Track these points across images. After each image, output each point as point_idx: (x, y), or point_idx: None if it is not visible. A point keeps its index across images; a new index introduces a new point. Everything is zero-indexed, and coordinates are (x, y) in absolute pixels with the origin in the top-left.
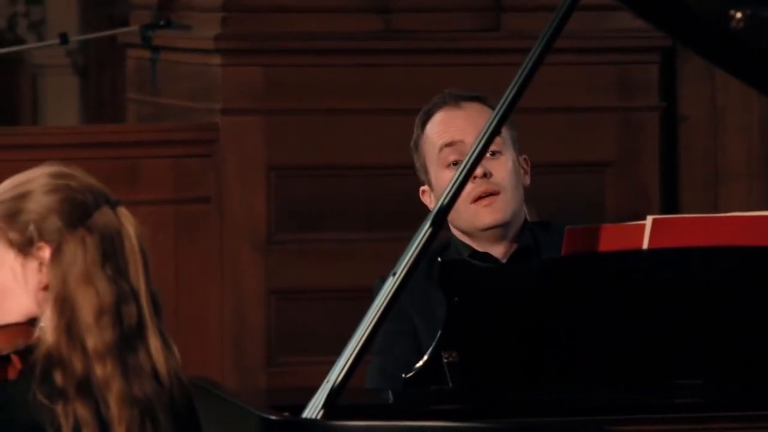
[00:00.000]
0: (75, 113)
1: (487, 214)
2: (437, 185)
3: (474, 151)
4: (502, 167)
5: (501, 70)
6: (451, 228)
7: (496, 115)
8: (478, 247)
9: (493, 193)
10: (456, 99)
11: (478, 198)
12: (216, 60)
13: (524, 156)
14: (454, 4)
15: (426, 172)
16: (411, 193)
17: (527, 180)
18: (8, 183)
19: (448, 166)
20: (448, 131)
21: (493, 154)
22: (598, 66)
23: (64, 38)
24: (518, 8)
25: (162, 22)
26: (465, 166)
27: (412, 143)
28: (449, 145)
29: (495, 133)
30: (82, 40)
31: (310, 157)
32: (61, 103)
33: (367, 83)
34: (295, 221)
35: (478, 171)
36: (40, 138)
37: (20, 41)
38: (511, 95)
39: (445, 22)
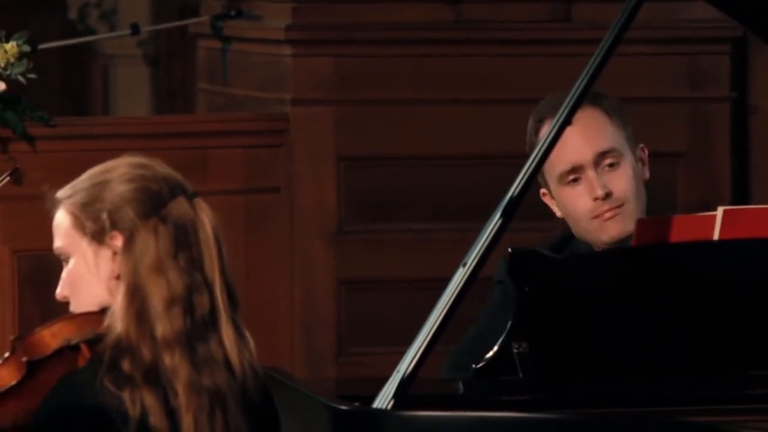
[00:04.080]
0: (146, 103)
1: (612, 227)
2: (559, 201)
3: (546, 138)
4: (621, 179)
5: (571, 61)
6: (570, 227)
7: (566, 106)
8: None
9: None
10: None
11: (600, 215)
12: (286, 50)
13: (641, 145)
14: None
15: (544, 180)
16: (480, 184)
17: (647, 173)
18: (87, 173)
19: (568, 183)
20: (563, 155)
21: (611, 166)
22: (668, 56)
23: (135, 29)
24: None
25: (232, 13)
26: (536, 156)
27: (527, 143)
28: (568, 167)
29: (565, 123)
30: (153, 30)
31: (380, 148)
32: (131, 93)
33: (437, 74)
34: (365, 212)
35: (599, 192)
36: (111, 128)
37: (91, 31)
38: (581, 86)
39: (515, 12)
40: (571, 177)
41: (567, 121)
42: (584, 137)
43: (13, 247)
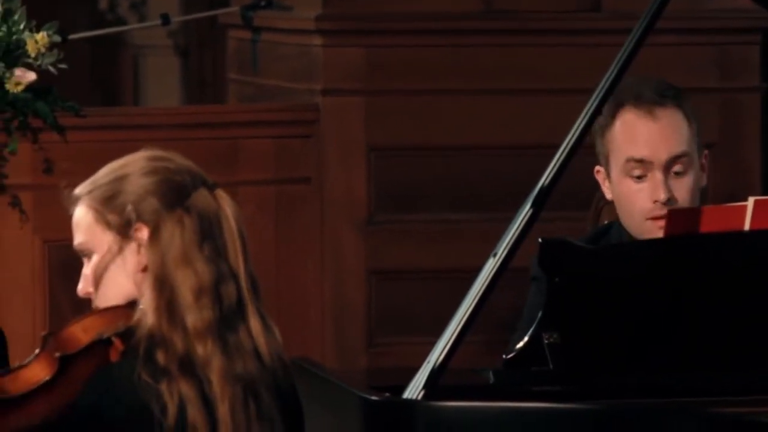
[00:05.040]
0: (176, 94)
1: (661, 234)
2: (616, 188)
3: (577, 128)
4: (684, 189)
5: (601, 51)
6: (618, 213)
7: (597, 96)
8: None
9: None
10: (651, 102)
11: (656, 218)
12: (317, 40)
13: (706, 152)
14: None
15: (606, 162)
16: (511, 174)
17: (704, 179)
18: (105, 169)
19: (631, 176)
20: (638, 145)
21: (678, 173)
22: (698, 47)
23: (165, 19)
24: None
25: (263, 3)
26: (567, 145)
27: (596, 125)
28: (637, 161)
29: (596, 113)
30: (183, 20)
31: (411, 138)
32: (162, 83)
33: (467, 64)
34: (395, 202)
35: (663, 196)
36: (141, 118)
37: (121, 22)
38: (611, 76)
39: (545, 2)
40: (637, 171)
41: (597, 111)
42: (663, 136)
43: (44, 237)
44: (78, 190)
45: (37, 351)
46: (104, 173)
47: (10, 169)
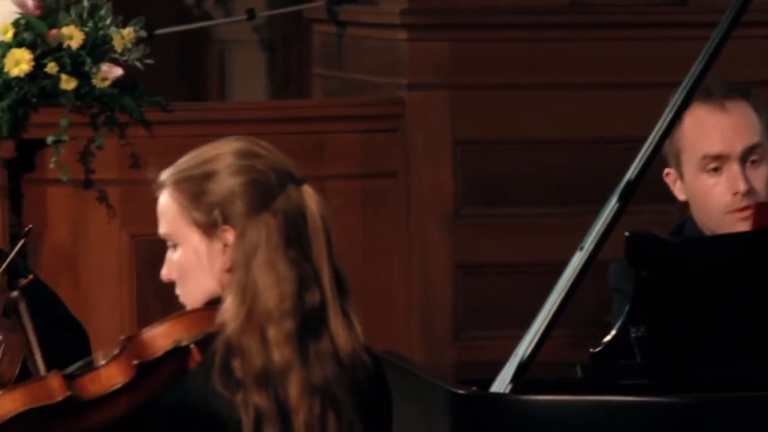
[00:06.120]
0: (262, 88)
1: (745, 227)
2: (691, 186)
3: (663, 121)
4: (761, 179)
5: (688, 45)
6: (692, 213)
7: (684, 89)
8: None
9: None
10: (721, 97)
11: (737, 210)
12: (402, 35)
13: None
14: None
15: (677, 162)
16: (596, 167)
17: None
18: (193, 157)
19: (707, 171)
20: (712, 140)
21: (754, 162)
22: None
23: (251, 14)
24: None
25: None
26: (654, 139)
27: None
28: (713, 156)
29: (683, 107)
30: (268, 15)
31: (496, 132)
32: (247, 78)
33: (553, 57)
34: (482, 195)
35: (742, 187)
36: (227, 113)
37: (207, 17)
38: (698, 70)
39: None
40: (713, 165)
41: (684, 106)
42: (735, 129)
43: (131, 232)
44: (163, 177)
45: (115, 352)
46: (192, 163)
47: (97, 164)
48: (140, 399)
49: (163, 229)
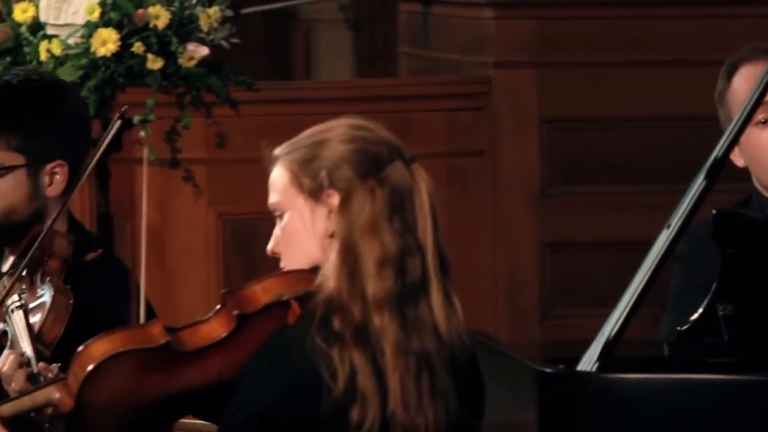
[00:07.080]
0: (348, 67)
1: None
2: (746, 145)
3: (752, 97)
4: None
5: None
6: (754, 182)
7: None
8: None
9: None
10: (764, 53)
11: None
12: (488, 13)
13: None
14: None
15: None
16: (685, 146)
17: None
18: (308, 131)
19: (757, 124)
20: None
21: None
22: None
23: None
24: None
25: None
26: (741, 116)
27: (716, 95)
28: (764, 104)
29: None
30: None
31: (583, 110)
32: (334, 57)
33: (640, 35)
34: (568, 174)
35: None
36: (314, 92)
37: None
38: None
39: None
40: (762, 117)
41: None
42: None
43: (218, 211)
44: (277, 151)
45: (217, 307)
46: (306, 135)
47: (184, 143)
48: (236, 358)
49: (272, 198)
